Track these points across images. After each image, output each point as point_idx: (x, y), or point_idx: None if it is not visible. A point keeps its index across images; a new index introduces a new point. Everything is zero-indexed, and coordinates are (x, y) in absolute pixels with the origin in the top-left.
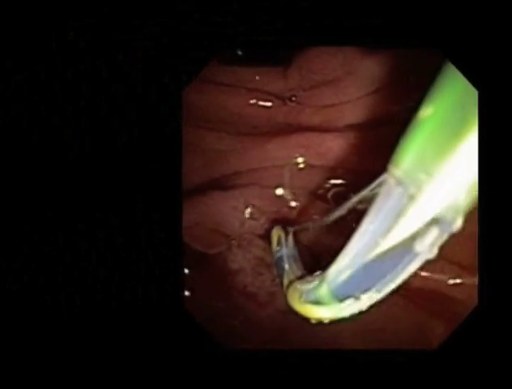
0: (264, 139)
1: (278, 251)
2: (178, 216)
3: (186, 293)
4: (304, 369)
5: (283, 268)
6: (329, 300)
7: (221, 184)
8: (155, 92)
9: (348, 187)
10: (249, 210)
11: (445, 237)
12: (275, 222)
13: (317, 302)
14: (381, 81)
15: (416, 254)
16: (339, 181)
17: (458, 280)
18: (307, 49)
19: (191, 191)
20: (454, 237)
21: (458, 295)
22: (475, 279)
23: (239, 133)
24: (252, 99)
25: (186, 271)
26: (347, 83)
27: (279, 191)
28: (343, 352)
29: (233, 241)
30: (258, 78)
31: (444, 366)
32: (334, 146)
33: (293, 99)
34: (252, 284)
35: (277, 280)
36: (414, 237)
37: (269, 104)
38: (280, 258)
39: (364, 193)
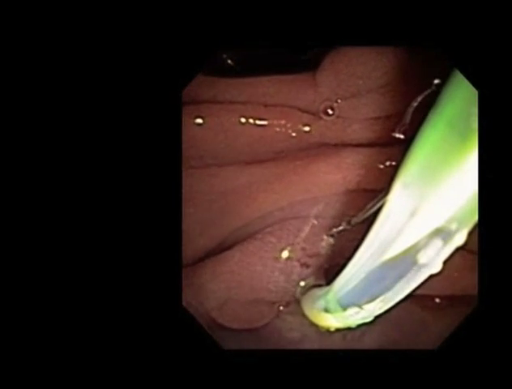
0: (305, 162)
1: None
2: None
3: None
4: (304, 369)
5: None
6: (335, 308)
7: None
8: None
9: None
10: (289, 251)
11: (449, 250)
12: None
13: (325, 310)
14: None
15: (420, 267)
16: None
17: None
18: (340, 48)
19: (208, 254)
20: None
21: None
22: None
23: (261, 160)
24: (271, 116)
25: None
26: (403, 89)
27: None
28: (343, 353)
29: (281, 308)
30: (275, 89)
31: (444, 366)
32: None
33: (330, 112)
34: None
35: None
36: (417, 248)
37: (307, 127)
38: None
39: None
